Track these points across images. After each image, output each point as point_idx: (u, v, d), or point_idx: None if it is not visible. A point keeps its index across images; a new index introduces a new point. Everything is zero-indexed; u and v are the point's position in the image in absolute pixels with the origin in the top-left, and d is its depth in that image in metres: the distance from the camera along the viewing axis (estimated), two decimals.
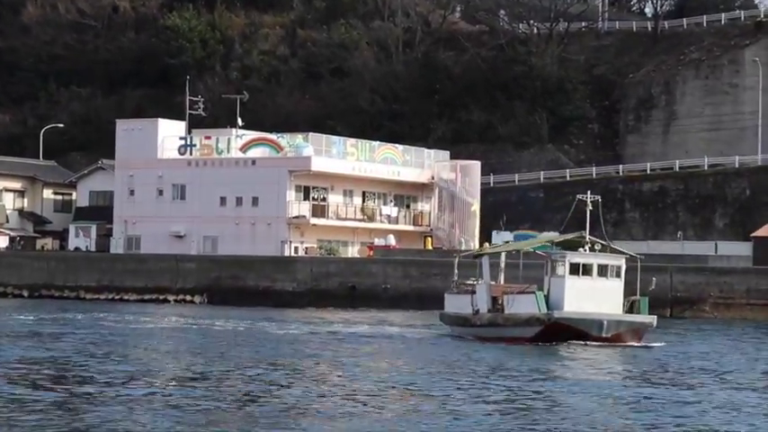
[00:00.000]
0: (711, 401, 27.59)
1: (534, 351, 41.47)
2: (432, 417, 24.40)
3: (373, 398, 27.46)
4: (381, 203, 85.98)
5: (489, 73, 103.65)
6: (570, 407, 26.53)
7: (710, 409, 26.32)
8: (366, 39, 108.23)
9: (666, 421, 24.23)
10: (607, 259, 44.89)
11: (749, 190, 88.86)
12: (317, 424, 23.27)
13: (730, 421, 24.50)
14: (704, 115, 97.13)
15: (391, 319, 59.91)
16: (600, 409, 26.36)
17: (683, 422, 24.20)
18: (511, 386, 30.19)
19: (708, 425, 23.90)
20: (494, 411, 25.51)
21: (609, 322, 43.39)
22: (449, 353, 40.34)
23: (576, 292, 43.90)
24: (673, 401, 27.43)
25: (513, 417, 24.81)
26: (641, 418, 24.48)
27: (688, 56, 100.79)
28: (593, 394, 28.77)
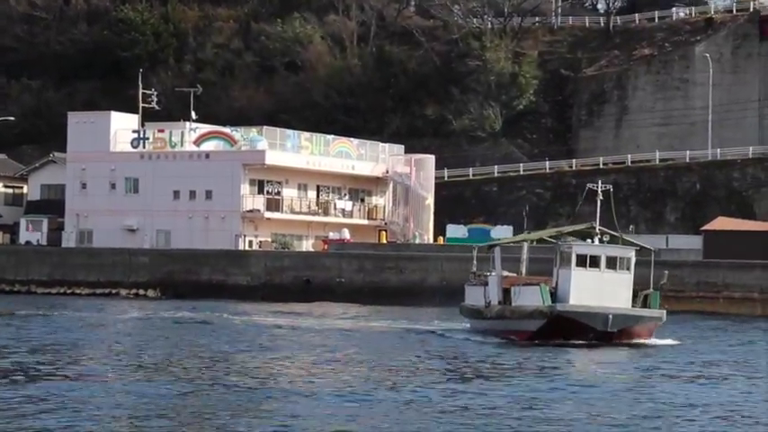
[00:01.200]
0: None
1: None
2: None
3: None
4: (336, 197, 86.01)
5: (443, 67, 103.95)
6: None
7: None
8: (320, 33, 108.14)
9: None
10: (616, 251, 43.13)
11: (699, 184, 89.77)
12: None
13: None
14: (655, 110, 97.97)
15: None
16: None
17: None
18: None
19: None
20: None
21: (615, 317, 41.50)
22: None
23: (583, 285, 42.21)
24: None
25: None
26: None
27: (640, 51, 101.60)
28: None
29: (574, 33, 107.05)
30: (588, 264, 42.58)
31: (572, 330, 41.48)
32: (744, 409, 25.78)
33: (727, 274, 66.37)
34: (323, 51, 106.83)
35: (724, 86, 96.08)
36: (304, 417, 23.03)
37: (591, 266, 42.54)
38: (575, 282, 42.31)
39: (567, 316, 41.67)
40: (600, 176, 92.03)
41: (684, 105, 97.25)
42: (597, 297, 41.93)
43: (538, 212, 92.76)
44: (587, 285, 42.13)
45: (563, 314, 41.69)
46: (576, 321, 41.52)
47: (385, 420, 23.06)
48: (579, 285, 42.22)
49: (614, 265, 42.65)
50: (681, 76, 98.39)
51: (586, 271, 42.48)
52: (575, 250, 42.84)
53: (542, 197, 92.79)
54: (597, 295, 41.96)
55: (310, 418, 22.84)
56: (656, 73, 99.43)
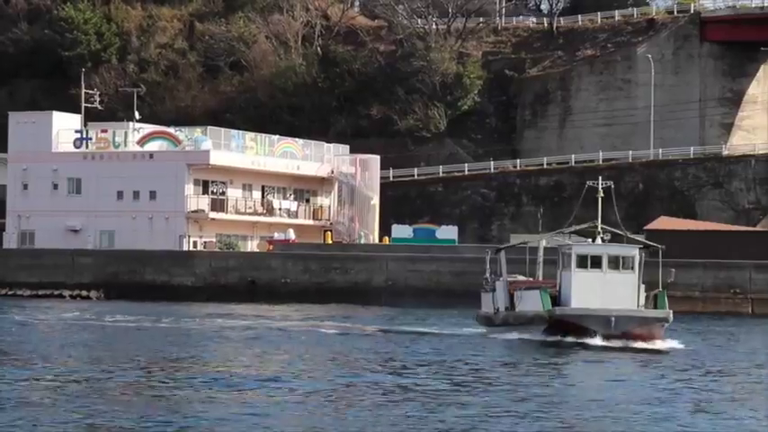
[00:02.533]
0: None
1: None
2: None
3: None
4: (281, 197, 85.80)
5: (388, 68, 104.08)
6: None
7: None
8: (265, 32, 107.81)
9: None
10: (618, 250, 41.62)
11: (642, 184, 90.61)
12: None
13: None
14: (599, 111, 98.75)
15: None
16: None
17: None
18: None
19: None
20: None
21: (618, 318, 39.72)
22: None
23: (585, 287, 40.60)
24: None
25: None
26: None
27: (583, 52, 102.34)
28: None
29: (517, 34, 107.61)
30: (590, 264, 41.12)
31: (574, 334, 39.97)
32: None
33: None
34: (267, 51, 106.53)
35: (666, 87, 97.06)
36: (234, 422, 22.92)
37: (593, 267, 41.07)
38: (576, 283, 40.84)
39: (568, 320, 40.23)
40: (544, 176, 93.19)
41: (627, 106, 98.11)
42: (600, 298, 40.35)
43: (482, 212, 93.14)
44: (589, 287, 40.61)
45: (563, 318, 40.31)
46: (577, 325, 40.01)
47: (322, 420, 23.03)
48: (581, 287, 40.70)
49: (617, 264, 41.15)
50: (623, 77, 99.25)
51: (588, 272, 41.00)
52: (575, 251, 41.46)
53: (487, 197, 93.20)
54: (600, 297, 40.38)
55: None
56: (598, 73, 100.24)
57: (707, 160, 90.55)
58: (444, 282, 69.37)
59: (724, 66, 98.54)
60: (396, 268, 70.88)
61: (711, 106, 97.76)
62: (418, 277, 70.11)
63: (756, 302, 66.33)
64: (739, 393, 28.74)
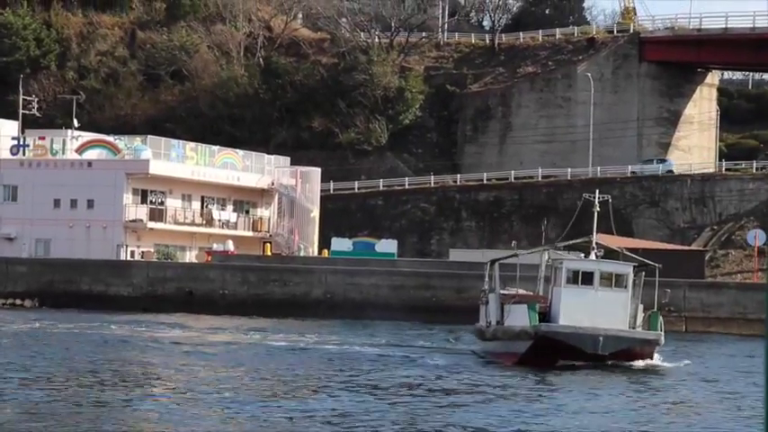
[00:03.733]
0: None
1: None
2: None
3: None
4: (220, 208, 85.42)
5: (330, 80, 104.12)
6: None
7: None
8: (207, 42, 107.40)
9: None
10: (611, 266, 39.76)
11: (580, 201, 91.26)
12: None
13: None
14: (539, 127, 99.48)
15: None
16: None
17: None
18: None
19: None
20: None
21: (606, 338, 37.75)
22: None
23: (574, 303, 38.57)
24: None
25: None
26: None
27: (524, 69, 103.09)
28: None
29: (459, 50, 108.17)
30: (580, 280, 39.16)
31: (560, 353, 38.09)
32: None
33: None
34: (209, 61, 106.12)
35: (605, 105, 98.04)
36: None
37: (583, 283, 39.09)
38: (565, 300, 38.84)
39: (554, 337, 38.11)
40: (483, 192, 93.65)
41: (566, 123, 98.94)
42: (590, 317, 38.25)
43: (422, 226, 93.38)
44: (579, 304, 38.53)
45: (548, 335, 38.14)
46: (562, 343, 37.99)
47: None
48: (570, 304, 38.69)
49: (609, 282, 39.19)
50: (563, 95, 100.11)
51: (578, 288, 39.00)
52: (565, 266, 39.65)
53: (427, 211, 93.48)
54: (590, 315, 38.29)
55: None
56: (539, 91, 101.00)
57: (644, 179, 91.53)
58: (383, 295, 69.44)
59: (662, 86, 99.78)
60: (334, 281, 70.84)
61: (649, 126, 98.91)
62: (357, 290, 70.12)
63: (689, 320, 67.10)
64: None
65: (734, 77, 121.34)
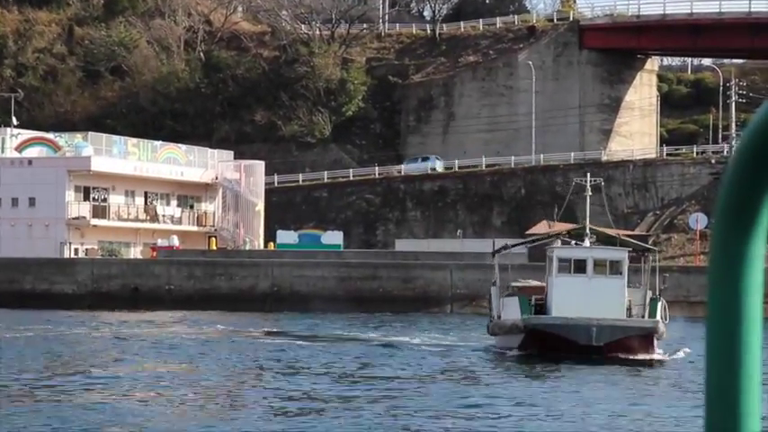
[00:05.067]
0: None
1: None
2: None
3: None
4: (164, 204, 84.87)
5: (272, 73, 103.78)
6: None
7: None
8: (146, 37, 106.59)
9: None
10: (605, 253, 38.13)
11: (524, 189, 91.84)
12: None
13: None
14: (481, 116, 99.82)
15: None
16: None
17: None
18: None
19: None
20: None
21: (600, 329, 35.97)
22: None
23: (567, 293, 37.00)
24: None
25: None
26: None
27: (465, 59, 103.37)
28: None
29: (401, 40, 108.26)
30: (573, 269, 37.66)
31: (552, 346, 36.16)
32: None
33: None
34: (149, 56, 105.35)
35: (546, 93, 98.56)
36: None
37: (576, 271, 37.55)
38: (557, 290, 37.35)
39: (544, 329, 36.61)
40: (428, 182, 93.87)
41: (509, 112, 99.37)
42: (584, 306, 36.35)
43: (367, 217, 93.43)
44: (572, 293, 36.85)
45: (538, 327, 36.73)
46: (554, 335, 36.25)
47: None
48: (562, 294, 37.11)
49: (603, 268, 37.55)
50: (505, 83, 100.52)
51: (571, 277, 37.43)
52: (556, 254, 38.21)
53: (372, 202, 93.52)
54: (584, 304, 36.40)
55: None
56: (481, 80, 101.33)
57: (587, 165, 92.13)
58: (330, 287, 69.41)
59: (602, 72, 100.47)
60: (281, 274, 70.69)
61: (591, 112, 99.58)
62: (303, 283, 70.02)
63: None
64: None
65: (673, 63, 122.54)
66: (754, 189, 1.50)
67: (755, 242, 1.52)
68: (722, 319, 1.51)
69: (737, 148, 1.54)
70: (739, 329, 1.50)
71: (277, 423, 23.28)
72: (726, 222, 1.53)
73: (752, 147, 1.49)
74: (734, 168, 1.54)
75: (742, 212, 1.51)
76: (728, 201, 1.52)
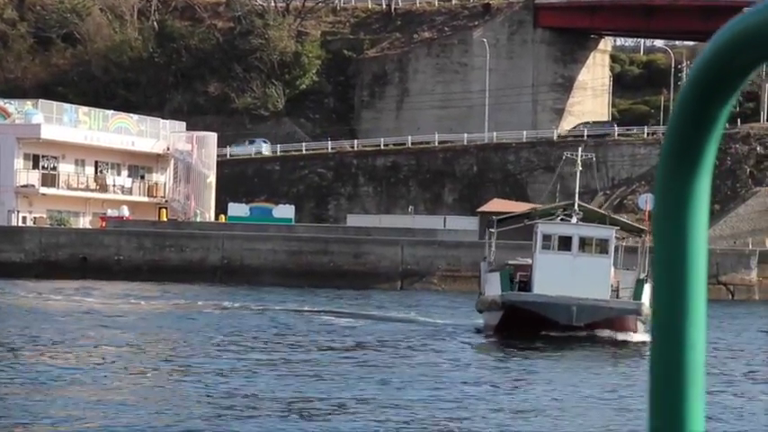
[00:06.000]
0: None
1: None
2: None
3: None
4: (115, 174, 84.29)
5: (226, 45, 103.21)
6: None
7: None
8: (99, 5, 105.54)
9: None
10: (591, 231, 36.75)
11: (476, 167, 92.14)
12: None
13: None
14: (435, 93, 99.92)
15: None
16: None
17: None
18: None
19: None
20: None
21: (580, 308, 34.91)
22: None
23: (550, 270, 35.69)
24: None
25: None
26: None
27: (420, 35, 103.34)
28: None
29: (356, 15, 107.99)
30: (557, 245, 36.31)
31: (531, 324, 34.95)
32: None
33: (502, 254, 68.17)
34: (102, 24, 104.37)
35: (500, 71, 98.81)
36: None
37: (561, 249, 36.23)
38: (540, 267, 36.09)
39: (522, 307, 35.35)
40: (381, 157, 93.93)
41: (463, 89, 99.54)
42: (567, 285, 35.10)
43: (320, 192, 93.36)
44: (556, 271, 35.50)
45: (516, 305, 35.46)
46: (533, 313, 35.09)
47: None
48: (545, 271, 35.81)
49: (590, 247, 36.31)
50: (459, 60, 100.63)
51: (555, 254, 36.12)
52: (540, 229, 36.74)
53: (324, 177, 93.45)
54: (567, 283, 35.16)
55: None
56: (435, 56, 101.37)
57: (539, 144, 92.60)
58: (280, 260, 69.38)
59: (556, 52, 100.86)
60: (231, 247, 70.53)
61: (544, 91, 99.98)
62: (254, 256, 69.91)
63: None
64: None
65: (626, 44, 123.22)
66: (700, 128, 1.50)
67: (701, 181, 1.51)
68: (669, 257, 1.49)
69: (683, 86, 1.54)
70: (685, 270, 1.48)
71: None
72: (671, 162, 1.52)
73: (697, 84, 1.49)
74: (679, 107, 1.53)
75: (687, 152, 1.51)
76: (674, 140, 1.51)
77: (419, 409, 22.44)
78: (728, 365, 30.78)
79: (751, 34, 1.45)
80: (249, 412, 21.61)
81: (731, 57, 1.47)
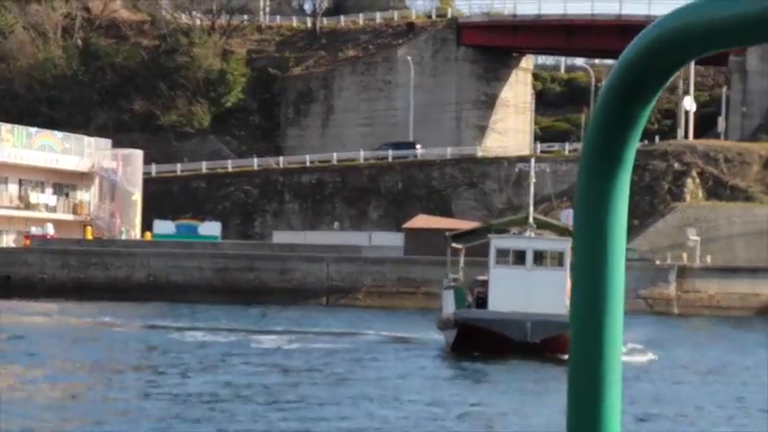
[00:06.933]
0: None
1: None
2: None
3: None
4: (39, 192, 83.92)
5: (151, 62, 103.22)
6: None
7: None
8: (22, 23, 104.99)
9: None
10: (546, 243, 35.81)
11: (401, 183, 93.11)
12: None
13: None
14: (360, 110, 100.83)
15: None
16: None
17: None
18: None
19: None
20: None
21: (535, 324, 33.58)
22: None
23: (505, 286, 34.63)
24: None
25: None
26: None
27: (345, 53, 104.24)
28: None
29: (281, 33, 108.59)
30: (512, 260, 35.46)
31: (486, 342, 33.92)
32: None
33: (426, 269, 69.27)
34: (25, 42, 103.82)
35: (424, 89, 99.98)
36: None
37: (515, 263, 35.37)
38: (495, 282, 35.10)
39: (475, 324, 34.36)
40: (306, 174, 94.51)
41: (387, 106, 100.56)
42: (523, 300, 34.18)
43: (245, 209, 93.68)
44: (510, 286, 34.50)
45: (469, 323, 34.49)
46: (487, 331, 34.07)
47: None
48: (500, 286, 34.75)
49: (545, 260, 35.37)
50: (384, 78, 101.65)
51: (509, 269, 35.20)
52: (494, 243, 35.82)
53: (250, 194, 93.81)
54: (523, 298, 34.23)
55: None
56: (360, 74, 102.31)
57: (462, 161, 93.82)
58: (207, 277, 69.64)
59: (479, 69, 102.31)
60: (157, 264, 70.64)
61: (467, 108, 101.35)
62: (180, 273, 70.10)
63: None
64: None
65: (547, 62, 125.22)
66: (620, 127, 1.53)
67: (621, 178, 1.53)
68: (588, 254, 1.51)
69: (604, 85, 1.60)
70: (604, 268, 1.49)
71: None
72: (591, 161, 1.55)
73: (618, 84, 1.55)
74: (601, 106, 1.56)
75: (607, 151, 1.53)
76: (595, 138, 1.55)
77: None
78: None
79: (673, 36, 1.47)
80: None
81: (653, 58, 1.51)
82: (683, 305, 70.20)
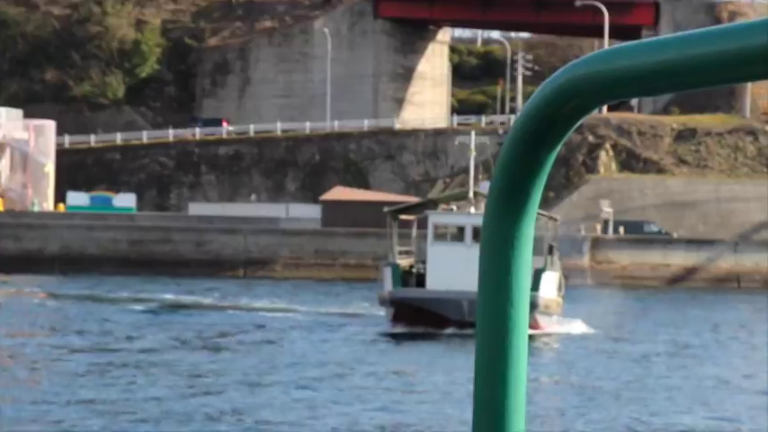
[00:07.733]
0: None
1: None
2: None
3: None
4: None
5: (63, 32, 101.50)
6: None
7: None
8: None
9: None
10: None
11: (318, 155, 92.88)
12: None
13: None
14: (277, 82, 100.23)
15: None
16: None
17: None
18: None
19: None
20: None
21: (472, 302, 32.21)
22: None
23: (443, 263, 33.79)
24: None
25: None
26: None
27: (262, 24, 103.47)
28: None
29: (196, 3, 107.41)
30: (449, 237, 34.90)
31: (422, 321, 33.53)
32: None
33: (344, 242, 69.37)
34: None
35: (342, 61, 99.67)
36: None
37: (453, 240, 34.71)
38: (433, 259, 34.28)
39: (411, 303, 33.93)
40: (223, 146, 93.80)
41: (304, 78, 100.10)
42: (461, 278, 32.76)
43: (161, 181, 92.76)
44: (448, 263, 33.55)
45: (404, 301, 33.99)
46: (423, 310, 33.63)
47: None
48: (439, 264, 33.97)
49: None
50: (301, 50, 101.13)
51: (447, 245, 34.47)
52: (431, 220, 35.22)
53: (166, 165, 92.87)
54: (461, 276, 32.76)
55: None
56: (277, 45, 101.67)
57: (380, 133, 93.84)
58: (122, 249, 68.89)
59: (396, 42, 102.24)
60: (71, 236, 69.71)
61: (384, 81, 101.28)
62: (94, 245, 69.26)
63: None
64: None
65: (463, 35, 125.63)
66: (525, 173, 1.53)
67: (526, 223, 1.55)
68: (493, 298, 1.55)
69: (511, 129, 1.58)
70: (509, 311, 1.53)
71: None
72: (498, 203, 1.54)
73: (525, 129, 1.53)
74: (507, 150, 1.55)
75: (512, 195, 1.53)
76: (500, 183, 1.54)
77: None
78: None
79: (579, 83, 1.49)
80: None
81: (559, 105, 1.52)
82: (597, 275, 71.15)
